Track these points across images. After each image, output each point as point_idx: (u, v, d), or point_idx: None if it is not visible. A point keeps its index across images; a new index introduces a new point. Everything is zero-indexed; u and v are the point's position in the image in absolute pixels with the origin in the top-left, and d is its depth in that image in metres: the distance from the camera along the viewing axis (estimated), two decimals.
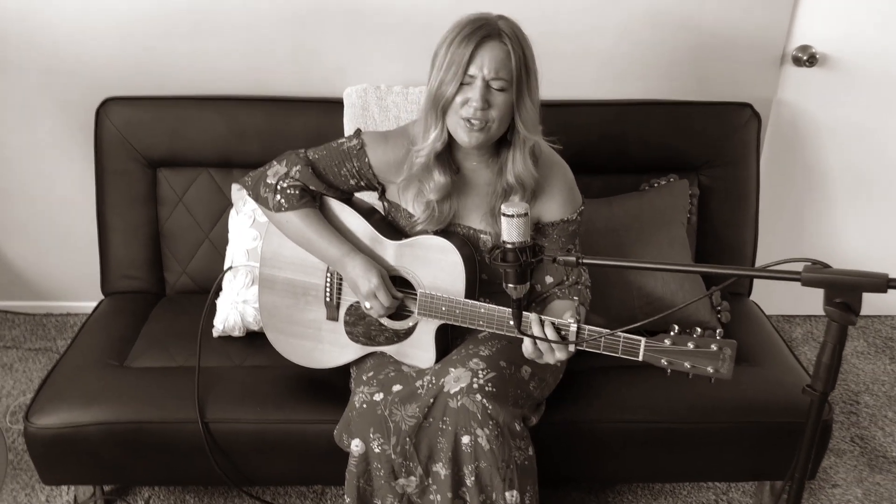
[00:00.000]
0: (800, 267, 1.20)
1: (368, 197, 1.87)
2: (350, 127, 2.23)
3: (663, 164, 2.28)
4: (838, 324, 1.19)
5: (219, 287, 2.08)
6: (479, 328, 1.67)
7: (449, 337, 1.79)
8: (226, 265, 2.13)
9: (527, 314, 1.55)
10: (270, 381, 1.92)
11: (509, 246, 1.38)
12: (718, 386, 1.46)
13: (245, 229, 2.13)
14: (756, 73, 2.40)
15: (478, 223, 1.76)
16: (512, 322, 1.48)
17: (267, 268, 1.87)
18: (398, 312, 1.76)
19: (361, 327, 1.80)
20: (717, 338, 1.42)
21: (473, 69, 1.56)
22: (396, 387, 1.68)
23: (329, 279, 1.80)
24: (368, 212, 1.83)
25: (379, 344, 1.79)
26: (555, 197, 1.74)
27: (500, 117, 1.60)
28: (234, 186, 2.22)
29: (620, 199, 2.20)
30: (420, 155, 1.67)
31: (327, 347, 1.84)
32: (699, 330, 1.44)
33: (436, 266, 1.70)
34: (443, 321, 1.70)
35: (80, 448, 1.83)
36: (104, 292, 2.32)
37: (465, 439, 1.61)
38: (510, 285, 1.41)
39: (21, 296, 2.79)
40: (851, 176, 2.59)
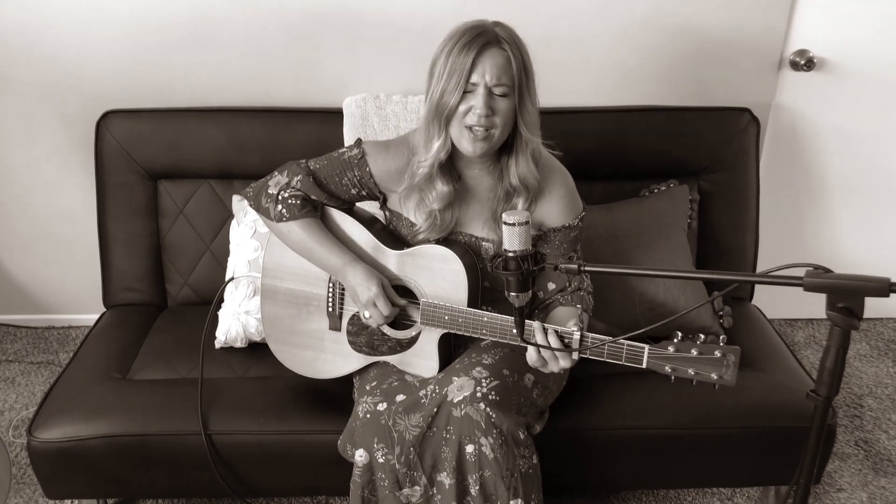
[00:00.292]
0: (801, 272, 1.19)
1: (370, 206, 1.87)
2: (350, 137, 2.23)
3: (663, 170, 2.28)
4: (841, 328, 1.19)
5: (220, 298, 2.08)
6: (483, 337, 1.67)
7: (452, 346, 1.79)
8: (227, 276, 2.14)
9: (530, 322, 1.55)
10: (273, 392, 1.92)
11: (511, 254, 1.38)
12: (722, 391, 1.46)
13: (246, 240, 2.13)
14: (754, 78, 2.41)
15: (480, 231, 1.76)
16: (515, 331, 1.48)
17: (269, 278, 1.86)
18: (400, 322, 1.76)
19: (364, 337, 1.80)
20: (721, 344, 1.42)
21: (475, 77, 1.57)
22: (400, 396, 1.67)
23: (331, 289, 1.80)
24: (370, 221, 1.83)
25: (382, 354, 1.79)
26: (556, 201, 1.74)
27: (504, 123, 1.61)
28: (235, 198, 2.22)
29: (621, 206, 2.20)
30: (423, 165, 1.67)
31: (330, 357, 1.84)
32: (702, 336, 1.44)
33: (438, 275, 1.70)
34: (446, 330, 1.70)
35: (84, 461, 1.83)
36: (106, 305, 2.33)
37: (469, 448, 1.60)
38: (512, 294, 1.41)
39: (23, 309, 2.80)
40: (851, 179, 2.60)
